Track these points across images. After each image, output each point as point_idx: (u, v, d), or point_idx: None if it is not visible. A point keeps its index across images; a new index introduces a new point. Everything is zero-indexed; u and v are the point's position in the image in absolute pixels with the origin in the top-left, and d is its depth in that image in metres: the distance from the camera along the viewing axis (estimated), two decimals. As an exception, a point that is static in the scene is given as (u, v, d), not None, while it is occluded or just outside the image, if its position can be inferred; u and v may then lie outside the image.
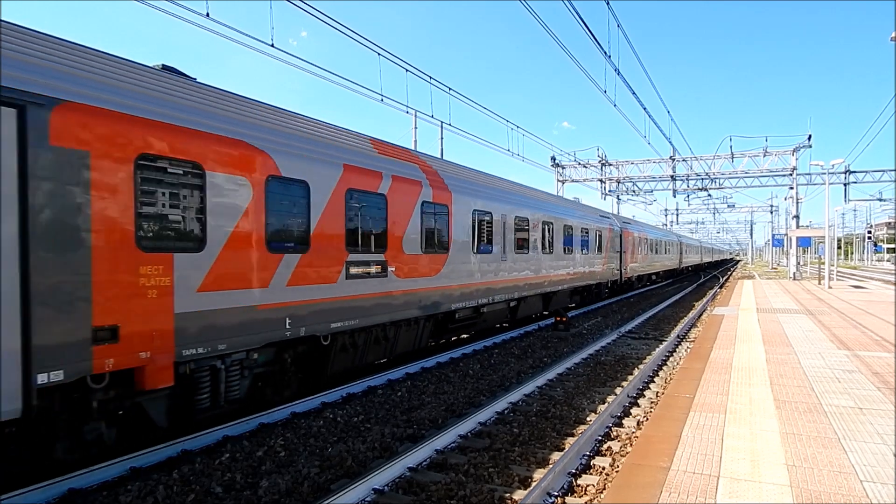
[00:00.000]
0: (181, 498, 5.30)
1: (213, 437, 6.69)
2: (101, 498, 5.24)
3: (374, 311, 9.33)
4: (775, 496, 4.43)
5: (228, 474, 5.82)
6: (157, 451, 6.13)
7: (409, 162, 10.79)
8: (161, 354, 5.95)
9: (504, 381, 10.19)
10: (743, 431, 5.99)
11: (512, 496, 5.30)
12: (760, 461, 5.15)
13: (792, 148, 36.60)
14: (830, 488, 4.56)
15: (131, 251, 5.71)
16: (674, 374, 9.92)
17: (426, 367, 10.85)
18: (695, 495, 4.47)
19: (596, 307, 22.50)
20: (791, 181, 37.74)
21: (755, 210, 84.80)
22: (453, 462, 6.15)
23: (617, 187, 43.22)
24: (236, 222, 6.85)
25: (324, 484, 5.68)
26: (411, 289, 10.37)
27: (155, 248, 5.93)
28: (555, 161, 41.64)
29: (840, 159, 33.58)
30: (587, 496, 5.40)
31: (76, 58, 5.68)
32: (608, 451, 6.55)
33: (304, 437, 6.99)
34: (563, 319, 16.35)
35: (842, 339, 11.96)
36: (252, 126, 7.34)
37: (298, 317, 7.74)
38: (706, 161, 38.84)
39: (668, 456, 5.32)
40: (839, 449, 5.44)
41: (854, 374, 8.65)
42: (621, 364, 11.53)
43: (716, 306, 20.74)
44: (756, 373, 8.75)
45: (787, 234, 43.69)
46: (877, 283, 36.18)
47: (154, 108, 6.08)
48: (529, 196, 16.94)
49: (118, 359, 5.57)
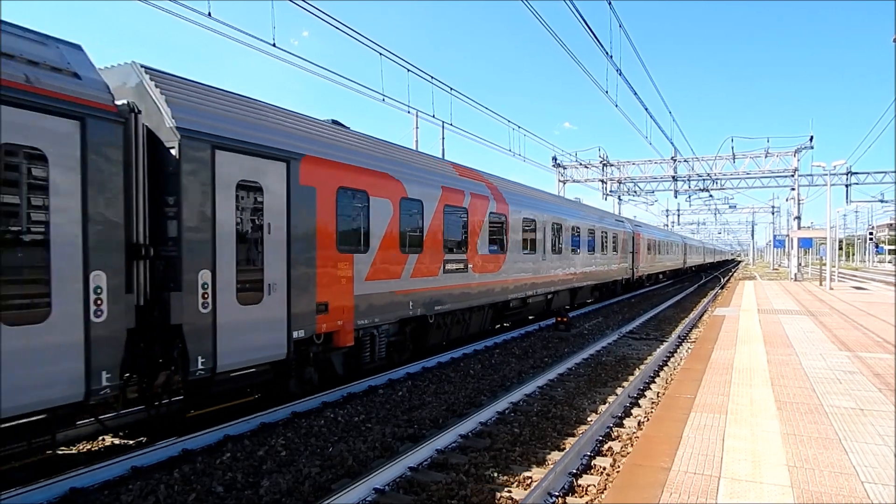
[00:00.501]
0: (182, 497, 5.31)
1: (215, 436, 6.69)
2: (102, 497, 5.24)
3: (459, 299, 12.06)
4: (776, 497, 4.42)
5: (229, 474, 5.82)
6: (159, 450, 6.13)
7: (479, 181, 13.54)
8: (348, 323, 8.73)
9: (505, 380, 10.19)
10: (744, 432, 5.99)
11: (513, 496, 5.30)
12: (761, 462, 5.15)
13: (794, 149, 36.57)
14: (831, 489, 4.55)
15: (334, 252, 8.44)
16: (675, 374, 9.91)
17: (427, 366, 10.86)
18: (696, 496, 4.47)
19: (597, 307, 22.51)
20: (793, 182, 37.71)
21: (757, 211, 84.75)
22: (454, 462, 6.15)
23: (618, 188, 43.21)
24: (384, 231, 9.63)
25: (325, 483, 5.68)
26: (482, 282, 13.00)
27: (344, 249, 8.68)
28: (556, 161, 41.64)
29: (842, 160, 33.59)
30: (588, 496, 5.39)
31: (304, 123, 8.57)
32: (609, 452, 6.54)
33: (305, 436, 7.00)
34: (563, 319, 16.34)
35: (843, 341, 11.95)
36: (391, 161, 10.15)
37: (416, 301, 10.53)
38: (708, 162, 38.82)
39: (669, 456, 5.32)
40: (840, 450, 5.44)
41: (855, 375, 8.65)
42: (622, 364, 11.53)
43: (717, 307, 20.72)
44: (757, 374, 8.74)
45: (789, 235, 43.66)
46: (878, 284, 36.14)
47: (343, 154, 8.87)
48: (561, 204, 20.13)
49: (328, 325, 8.30)
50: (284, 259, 7.48)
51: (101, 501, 5.18)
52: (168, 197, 6.32)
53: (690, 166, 39.49)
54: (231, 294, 6.78)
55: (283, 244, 7.47)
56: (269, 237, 7.29)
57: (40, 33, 5.57)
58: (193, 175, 6.40)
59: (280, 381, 7.95)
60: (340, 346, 8.70)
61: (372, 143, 10.21)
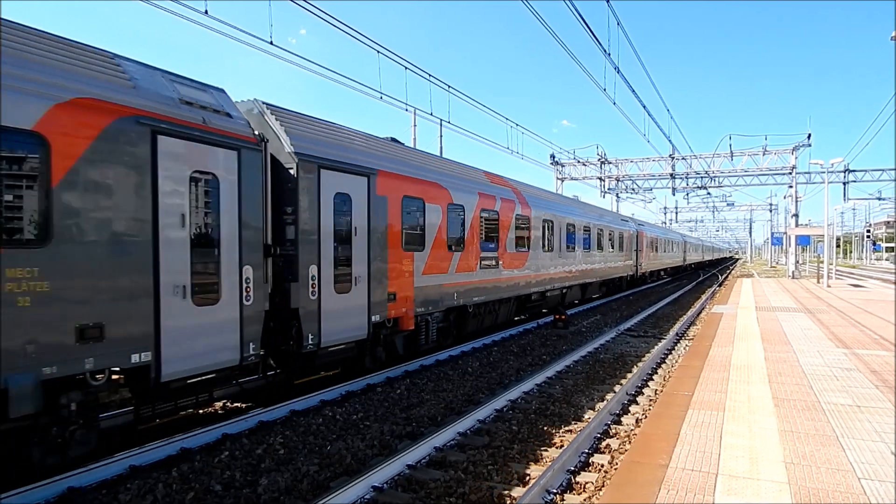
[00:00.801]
0: (180, 496, 5.30)
1: (213, 435, 6.69)
2: (100, 496, 5.23)
3: (492, 291, 13.68)
4: (774, 493, 4.44)
5: (228, 472, 5.82)
6: (157, 449, 6.13)
7: (506, 187, 15.19)
8: (409, 310, 10.36)
9: (503, 378, 10.20)
10: (741, 429, 6.00)
11: (511, 493, 5.31)
12: (759, 459, 5.16)
13: (791, 147, 36.62)
14: (828, 486, 4.57)
15: (400, 250, 10.12)
16: (672, 372, 9.93)
17: (425, 364, 10.86)
18: (693, 492, 4.48)
19: (595, 305, 22.54)
20: (790, 180, 37.77)
21: (754, 208, 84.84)
22: (452, 460, 6.16)
23: (616, 185, 43.23)
24: (436, 232, 11.27)
25: (323, 482, 5.68)
26: (509, 277, 14.65)
27: (408, 248, 10.35)
28: (554, 159, 41.64)
29: (839, 158, 33.60)
30: (586, 493, 5.40)
31: (376, 143, 10.29)
32: (607, 449, 6.55)
33: (303, 434, 7.00)
34: (562, 317, 16.36)
35: (840, 338, 11.98)
36: (439, 172, 11.92)
37: (459, 292, 12.16)
38: (706, 159, 38.85)
39: (667, 453, 5.33)
40: (837, 447, 5.46)
41: (852, 372, 8.67)
42: (620, 362, 11.55)
43: (715, 304, 20.76)
44: (755, 371, 8.76)
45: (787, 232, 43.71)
46: (875, 281, 36.22)
47: (405, 168, 10.54)
48: (573, 206, 21.81)
49: (395, 311, 9.97)
50: (366, 256, 9.18)
51: (100, 501, 5.17)
52: (287, 207, 7.97)
53: (688, 164, 39.53)
54: (331, 285, 8.48)
55: (365, 244, 9.17)
56: (356, 238, 8.99)
57: (199, 81, 7.04)
58: (306, 190, 8.06)
59: (358, 358, 9.55)
60: (404, 330, 10.44)
61: (424, 156, 12.21)
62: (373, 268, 9.29)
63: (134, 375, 5.97)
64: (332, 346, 8.57)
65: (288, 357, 8.27)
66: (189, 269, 6.33)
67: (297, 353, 8.02)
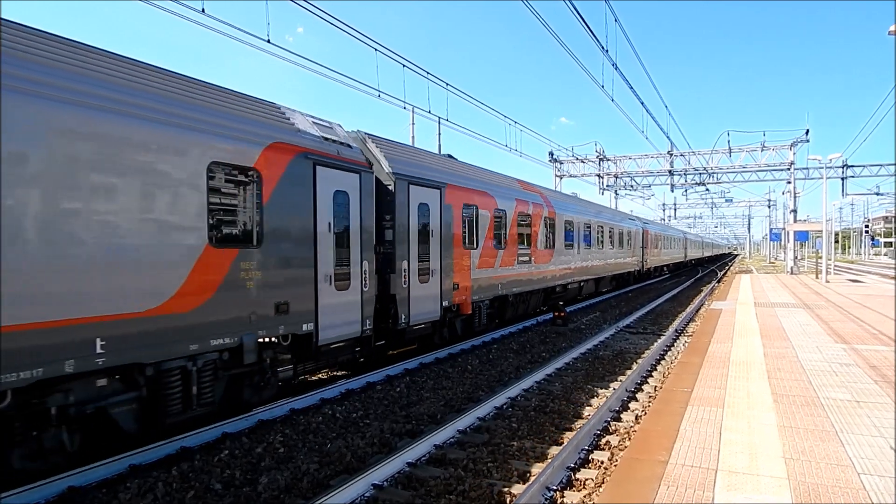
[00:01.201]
0: (180, 495, 5.30)
1: (212, 433, 6.68)
2: (100, 496, 5.23)
3: (526, 283, 15.96)
4: (773, 489, 4.44)
5: (228, 471, 5.82)
6: (156, 448, 6.12)
7: (535, 192, 17.65)
8: (468, 298, 12.54)
9: (503, 376, 10.21)
10: (741, 425, 6.01)
11: (511, 490, 5.31)
12: (758, 454, 5.17)
13: (789, 143, 36.64)
14: (828, 481, 4.58)
15: (461, 249, 12.33)
16: (672, 368, 9.94)
17: (424, 362, 10.86)
18: (693, 489, 4.49)
19: (594, 302, 22.56)
20: (789, 175, 37.80)
21: (753, 204, 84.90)
22: (452, 457, 6.16)
23: (615, 182, 43.22)
24: (486, 233, 13.52)
25: (323, 480, 5.68)
26: (539, 271, 16.93)
27: (467, 247, 12.55)
28: (553, 156, 41.62)
29: (838, 154, 33.68)
30: (586, 490, 5.41)
31: (442, 161, 12.90)
32: (607, 446, 6.56)
33: (303, 433, 7.00)
34: (561, 314, 16.36)
35: (839, 333, 12.00)
36: (487, 182, 14.20)
37: (502, 283, 14.43)
38: (704, 156, 38.86)
39: (667, 450, 5.34)
40: (836, 442, 5.47)
41: (851, 367, 8.69)
42: (619, 359, 11.56)
43: (714, 301, 20.79)
44: (754, 367, 8.77)
45: (785, 228, 43.74)
46: (874, 277, 36.28)
47: (463, 180, 12.86)
48: (588, 207, 24.17)
49: (458, 298, 12.17)
50: (439, 253, 11.38)
51: (100, 500, 5.17)
52: (386, 215, 10.14)
53: (687, 160, 39.53)
54: (416, 276, 10.72)
55: (438, 243, 11.37)
56: (432, 239, 11.19)
57: (324, 119, 9.17)
58: (400, 201, 10.29)
59: (431, 336, 11.72)
60: (463, 314, 12.61)
61: (475, 169, 14.42)
62: (443, 263, 11.57)
63: (299, 341, 8.06)
64: (416, 325, 10.86)
65: (386, 333, 10.40)
66: (333, 263, 8.50)
67: (393, 329, 10.29)
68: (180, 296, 6.17)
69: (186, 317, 6.26)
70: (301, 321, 7.84)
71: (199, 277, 6.39)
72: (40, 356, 4.95)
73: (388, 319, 10.13)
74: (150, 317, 5.88)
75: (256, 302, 7.07)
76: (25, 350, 4.84)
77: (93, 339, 5.37)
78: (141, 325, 5.79)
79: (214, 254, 6.60)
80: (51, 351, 5.03)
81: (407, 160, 10.93)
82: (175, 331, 6.15)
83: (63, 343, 5.12)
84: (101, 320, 5.43)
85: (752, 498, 4.32)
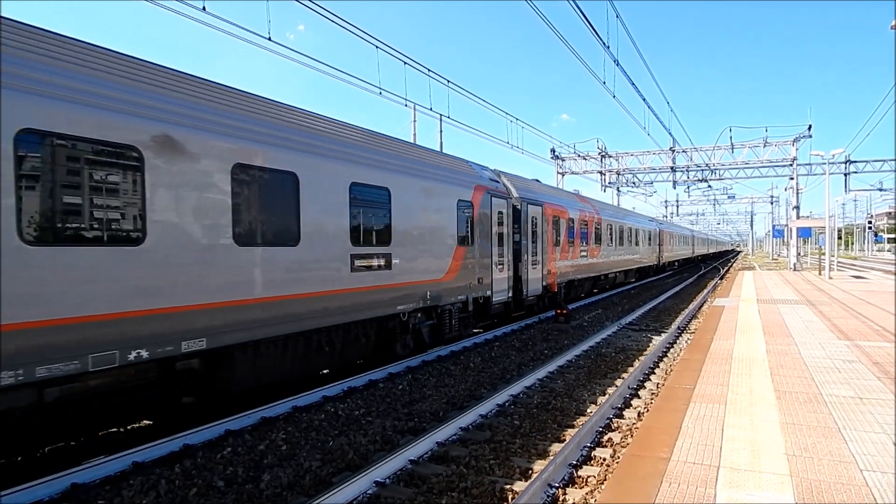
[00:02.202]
0: (183, 492, 5.32)
1: (215, 431, 6.70)
2: (103, 492, 5.25)
3: (585, 271, 21.54)
4: (775, 485, 4.44)
5: (230, 468, 5.84)
6: (159, 445, 6.14)
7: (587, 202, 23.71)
8: (554, 280, 17.90)
9: (505, 373, 10.21)
10: (743, 422, 6.00)
11: (513, 487, 5.32)
12: (760, 451, 5.16)
13: (792, 138, 36.47)
14: (830, 477, 4.57)
15: (552, 245, 17.78)
16: (674, 365, 9.92)
17: (427, 360, 10.87)
18: (695, 485, 4.48)
19: (596, 300, 22.55)
20: (791, 171, 37.64)
21: (755, 201, 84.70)
22: (455, 454, 6.17)
23: (617, 179, 43.11)
24: (563, 235, 18.74)
25: (325, 477, 5.69)
26: (591, 263, 22.47)
27: (555, 245, 18.00)
28: (554, 153, 41.53)
29: (840, 149, 33.47)
30: (588, 487, 5.41)
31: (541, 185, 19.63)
32: (609, 443, 6.56)
33: (305, 430, 7.01)
34: (563, 312, 16.36)
35: (842, 330, 11.97)
36: (563, 199, 20.19)
37: (573, 270, 19.91)
38: (706, 152, 38.71)
39: (669, 447, 5.33)
40: (839, 438, 5.45)
41: (854, 364, 8.66)
42: (622, 356, 11.55)
43: (716, 297, 20.75)
44: (756, 363, 8.75)
45: (788, 224, 43.62)
46: (877, 273, 36.16)
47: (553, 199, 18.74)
48: (621, 213, 31.06)
49: (549, 280, 17.46)
50: (541, 249, 16.54)
51: (103, 497, 5.19)
52: (515, 224, 15.11)
53: (689, 157, 39.39)
54: (530, 265, 15.73)
55: (541, 242, 16.50)
56: (539, 239, 16.37)
57: (479, 164, 14.21)
58: (524, 215, 15.51)
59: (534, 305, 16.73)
60: (553, 292, 17.83)
61: (556, 189, 21.11)
62: (544, 256, 16.79)
63: (478, 303, 13.02)
64: (530, 297, 15.90)
65: (515, 301, 15.09)
66: (497, 254, 13.74)
67: (519, 298, 15.28)
68: (448, 272, 11.63)
69: (449, 283, 11.69)
70: (487, 289, 13.26)
71: (454, 263, 11.78)
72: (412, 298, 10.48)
73: (517, 293, 15.12)
74: (440, 282, 11.34)
75: (472, 276, 12.57)
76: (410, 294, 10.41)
77: (425, 292, 10.88)
78: (438, 287, 11.26)
79: (459, 249, 12.00)
80: (415, 297, 10.54)
81: (523, 186, 16.25)
82: (446, 290, 11.59)
83: (418, 293, 10.66)
84: (427, 283, 10.91)
85: (754, 494, 4.31)
